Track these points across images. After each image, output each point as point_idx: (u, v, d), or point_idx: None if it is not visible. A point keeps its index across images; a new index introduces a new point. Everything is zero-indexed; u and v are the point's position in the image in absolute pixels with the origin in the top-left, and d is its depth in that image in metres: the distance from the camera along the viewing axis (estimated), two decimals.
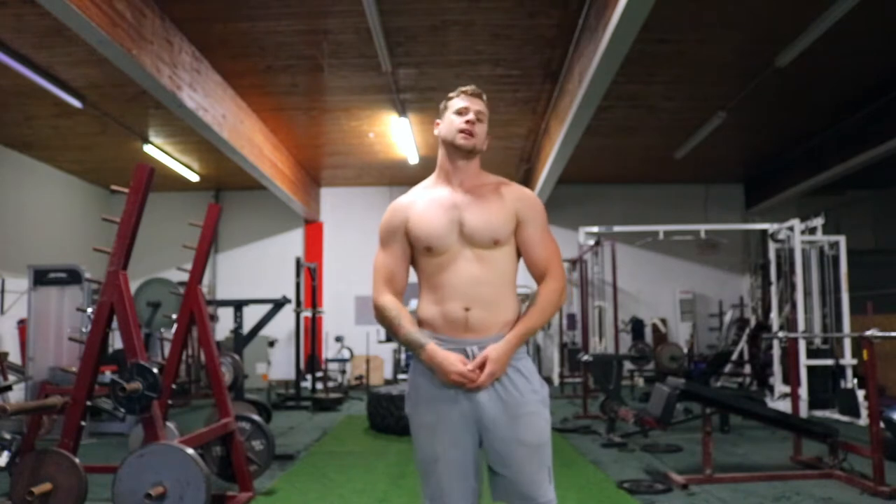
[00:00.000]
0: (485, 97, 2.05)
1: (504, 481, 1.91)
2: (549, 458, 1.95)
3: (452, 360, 1.85)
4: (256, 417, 4.38)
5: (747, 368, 9.93)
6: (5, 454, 4.49)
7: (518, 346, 1.91)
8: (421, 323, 1.97)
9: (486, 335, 1.90)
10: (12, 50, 6.53)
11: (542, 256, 1.97)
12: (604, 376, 6.71)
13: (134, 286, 4.39)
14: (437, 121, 2.07)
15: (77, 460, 3.13)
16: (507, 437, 1.87)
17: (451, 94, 2.05)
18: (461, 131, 1.97)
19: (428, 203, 1.99)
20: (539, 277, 1.99)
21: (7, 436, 4.54)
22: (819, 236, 8.17)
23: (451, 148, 2.00)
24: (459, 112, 1.99)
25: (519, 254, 2.00)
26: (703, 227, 9.13)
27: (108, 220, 3.58)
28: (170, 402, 4.30)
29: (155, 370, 3.16)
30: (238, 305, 8.61)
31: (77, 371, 3.31)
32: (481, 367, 1.85)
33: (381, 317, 1.97)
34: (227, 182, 12.11)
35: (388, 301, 1.97)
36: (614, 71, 6.01)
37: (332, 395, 9.02)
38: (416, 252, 2.00)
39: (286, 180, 10.49)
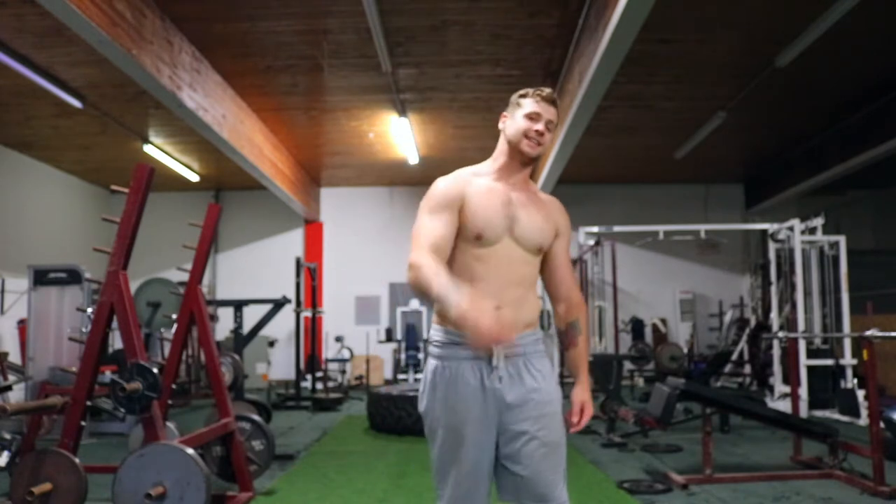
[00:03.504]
0: (558, 103, 1.97)
1: (519, 481, 1.87)
2: (564, 458, 1.94)
3: (484, 320, 1.54)
4: (256, 417, 4.39)
5: (747, 368, 9.92)
6: (5, 454, 4.49)
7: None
8: (443, 318, 1.90)
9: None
10: (12, 50, 6.52)
11: (568, 273, 2.06)
12: (604, 376, 6.71)
13: (134, 286, 4.38)
14: (504, 114, 1.98)
15: (77, 460, 3.13)
16: (529, 436, 1.86)
17: (526, 91, 1.95)
18: (529, 137, 1.90)
19: (487, 190, 1.91)
20: (563, 293, 2.05)
21: (7, 436, 4.55)
22: (819, 236, 8.16)
23: (515, 150, 1.94)
24: (530, 117, 1.91)
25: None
26: (703, 227, 9.11)
27: (108, 220, 3.58)
28: (170, 402, 4.30)
29: (155, 370, 3.15)
30: (238, 305, 8.61)
31: (77, 371, 3.31)
32: (580, 411, 2.03)
33: (416, 276, 1.71)
34: (227, 182, 12.10)
35: (427, 259, 1.74)
36: (614, 71, 6.01)
37: (332, 395, 9.01)
38: (459, 237, 1.88)
39: (286, 180, 10.48)
